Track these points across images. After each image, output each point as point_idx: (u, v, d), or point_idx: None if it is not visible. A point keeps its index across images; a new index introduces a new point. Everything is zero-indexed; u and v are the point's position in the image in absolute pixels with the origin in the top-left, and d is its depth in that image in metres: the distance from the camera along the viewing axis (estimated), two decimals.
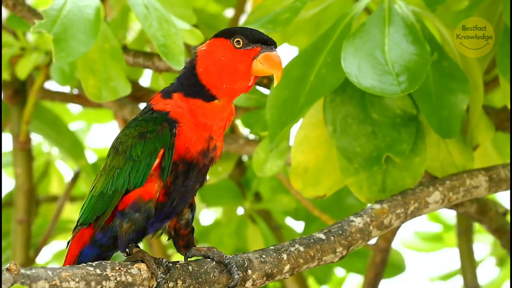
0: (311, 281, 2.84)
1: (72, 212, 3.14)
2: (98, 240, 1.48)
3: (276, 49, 1.48)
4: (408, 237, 3.18)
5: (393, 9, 1.77)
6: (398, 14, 1.76)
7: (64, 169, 3.07)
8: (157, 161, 1.43)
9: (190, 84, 1.47)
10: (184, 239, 1.51)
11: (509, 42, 1.81)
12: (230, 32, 1.47)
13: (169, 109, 1.46)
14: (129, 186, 1.44)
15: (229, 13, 2.70)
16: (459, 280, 3.07)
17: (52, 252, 2.92)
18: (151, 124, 1.45)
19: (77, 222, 1.52)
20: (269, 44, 1.47)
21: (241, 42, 1.46)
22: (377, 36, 1.72)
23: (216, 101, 1.46)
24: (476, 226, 2.79)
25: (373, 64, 1.69)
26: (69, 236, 3.12)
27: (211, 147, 1.46)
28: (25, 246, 2.58)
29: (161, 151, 1.43)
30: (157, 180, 1.45)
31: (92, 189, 1.50)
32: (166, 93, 1.49)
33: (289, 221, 2.79)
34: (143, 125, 1.46)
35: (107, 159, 1.49)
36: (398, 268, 2.79)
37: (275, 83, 1.47)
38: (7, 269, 1.19)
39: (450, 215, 3.10)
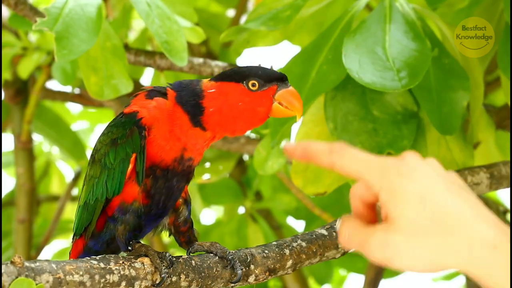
0: (311, 281, 2.84)
1: (73, 212, 3.14)
2: (92, 247, 1.48)
3: (289, 84, 1.42)
4: None
5: (394, 7, 1.77)
6: (399, 11, 1.77)
7: (65, 169, 3.07)
8: (130, 166, 1.40)
9: (191, 105, 1.40)
10: (185, 235, 1.50)
11: (510, 40, 1.82)
12: (240, 75, 1.40)
13: (144, 113, 1.41)
14: (108, 194, 1.42)
15: (230, 13, 2.70)
16: (461, 281, 3.08)
17: (53, 251, 2.93)
18: (120, 129, 1.41)
19: (73, 231, 1.52)
20: (284, 80, 1.41)
21: (257, 84, 1.39)
22: (378, 32, 1.72)
23: (201, 129, 1.41)
24: None
25: (374, 60, 1.69)
26: (70, 236, 3.13)
27: (186, 157, 1.42)
28: (27, 245, 2.58)
29: (133, 156, 1.40)
30: (135, 184, 1.42)
31: (79, 199, 1.49)
32: (150, 94, 1.43)
33: (290, 221, 2.80)
34: (114, 131, 1.42)
35: (87, 167, 1.47)
36: None
37: (298, 118, 1.42)
38: (12, 262, 1.19)
39: None
